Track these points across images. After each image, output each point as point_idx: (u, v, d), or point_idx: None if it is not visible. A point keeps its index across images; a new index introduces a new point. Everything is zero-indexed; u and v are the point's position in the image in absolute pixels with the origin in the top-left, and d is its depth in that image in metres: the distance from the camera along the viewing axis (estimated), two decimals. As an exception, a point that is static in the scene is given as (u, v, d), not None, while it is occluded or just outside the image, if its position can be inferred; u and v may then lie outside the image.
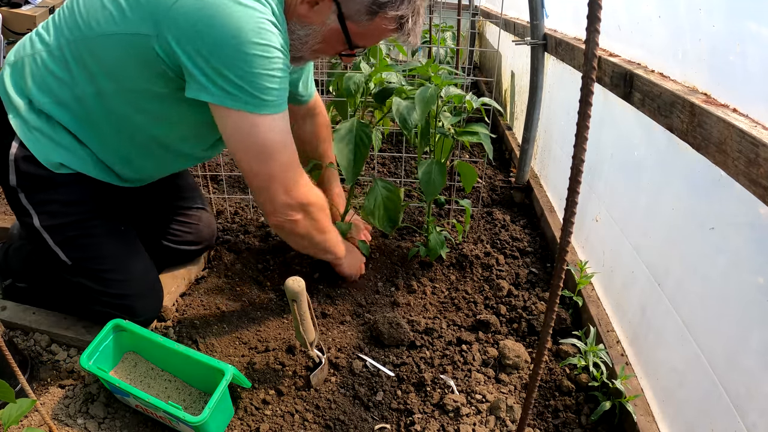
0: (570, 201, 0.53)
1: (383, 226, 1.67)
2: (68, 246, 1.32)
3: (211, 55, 1.05)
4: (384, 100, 1.58)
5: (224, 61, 1.05)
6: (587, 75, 0.47)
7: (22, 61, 1.24)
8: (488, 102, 1.60)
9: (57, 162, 1.26)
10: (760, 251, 0.87)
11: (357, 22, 1.20)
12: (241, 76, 1.07)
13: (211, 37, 1.03)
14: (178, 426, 1.16)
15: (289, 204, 1.27)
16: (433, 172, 1.58)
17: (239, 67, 1.06)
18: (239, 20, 1.03)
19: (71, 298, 1.44)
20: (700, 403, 1.02)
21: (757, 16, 0.90)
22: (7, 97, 1.24)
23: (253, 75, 1.07)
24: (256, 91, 1.09)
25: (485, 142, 1.59)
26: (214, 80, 1.07)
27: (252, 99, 1.10)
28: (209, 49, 1.04)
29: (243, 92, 1.09)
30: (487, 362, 1.42)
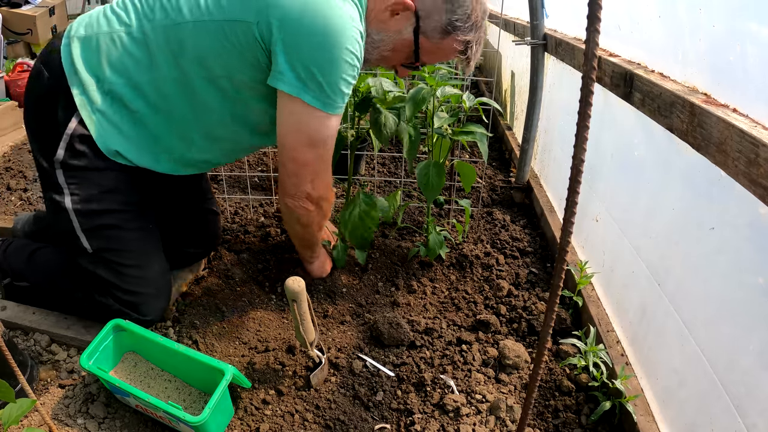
0: (570, 201, 0.53)
1: (353, 240, 1.65)
2: (94, 233, 1.31)
3: (304, 49, 1.11)
4: (365, 109, 1.58)
5: (316, 59, 1.11)
6: (587, 75, 0.47)
7: (97, 38, 1.24)
8: (486, 101, 1.60)
9: (114, 149, 1.27)
10: (760, 251, 0.87)
11: (429, 38, 1.28)
12: (326, 77, 1.13)
13: (309, 33, 1.09)
14: (178, 426, 1.16)
15: (311, 194, 1.34)
16: (430, 174, 1.57)
17: (327, 69, 1.13)
18: (341, 24, 1.10)
19: (74, 297, 1.43)
20: (700, 403, 1.02)
21: (757, 16, 0.90)
22: (74, 71, 1.23)
23: (337, 78, 1.15)
24: (332, 93, 1.17)
25: (480, 141, 1.58)
26: (298, 73, 1.13)
27: (326, 99, 1.17)
28: (306, 43, 1.10)
29: (321, 91, 1.15)
30: (487, 362, 1.42)
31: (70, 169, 1.27)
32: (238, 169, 2.64)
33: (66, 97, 1.24)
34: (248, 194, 2.27)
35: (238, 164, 2.71)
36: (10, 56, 4.22)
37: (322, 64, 1.12)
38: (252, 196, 2.27)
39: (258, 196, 2.30)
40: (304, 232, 1.47)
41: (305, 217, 1.39)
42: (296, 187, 1.32)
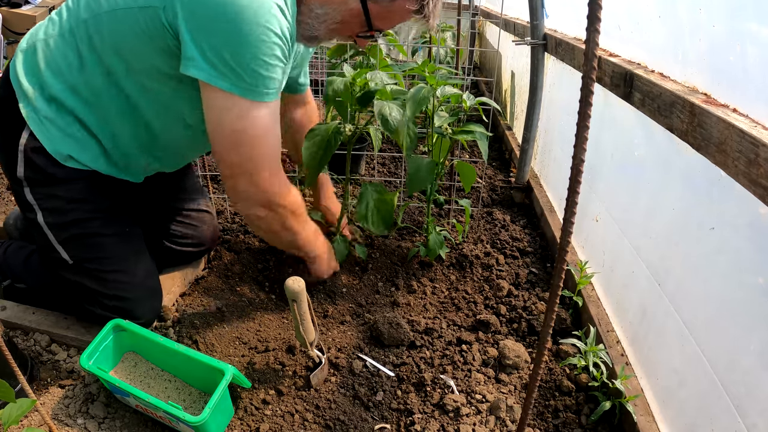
0: (570, 201, 0.53)
1: (379, 229, 1.66)
2: (70, 244, 1.31)
3: (210, 30, 1.02)
4: (367, 102, 1.57)
5: (224, 39, 1.02)
6: (587, 75, 0.47)
7: (35, 46, 1.23)
8: (486, 101, 1.60)
9: (66, 154, 1.25)
10: (760, 251, 0.87)
11: (378, 3, 1.18)
12: (238, 59, 1.04)
13: (213, 13, 1.01)
14: (178, 426, 1.16)
15: (255, 198, 1.23)
16: (422, 168, 1.58)
17: (239, 50, 1.03)
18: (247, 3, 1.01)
19: (71, 300, 1.43)
20: (700, 403, 1.02)
21: (757, 16, 0.90)
22: (18, 84, 1.23)
23: (251, 60, 1.05)
24: (249, 77, 1.07)
25: (481, 140, 1.58)
26: (208, 57, 1.04)
27: (243, 84, 1.07)
28: (209, 24, 1.02)
29: (235, 74, 1.06)
30: (487, 362, 1.42)
31: (34, 185, 1.27)
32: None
33: (15, 112, 1.23)
34: (248, 194, 2.27)
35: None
36: (9, 56, 4.22)
37: (232, 44, 1.02)
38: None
39: (258, 196, 2.30)
40: (275, 237, 1.39)
41: (264, 223, 1.30)
42: (236, 192, 1.22)
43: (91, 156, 1.29)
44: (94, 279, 1.34)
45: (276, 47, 1.07)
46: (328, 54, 2.50)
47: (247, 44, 1.03)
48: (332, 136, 1.53)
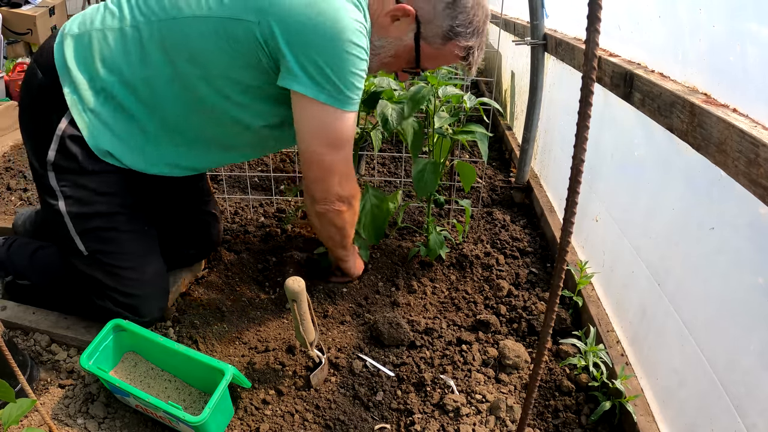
0: (570, 201, 0.53)
1: (368, 235, 1.65)
2: (89, 236, 1.31)
3: (312, 48, 1.10)
4: (373, 105, 1.58)
5: (324, 56, 1.10)
6: (587, 75, 0.47)
7: (90, 35, 1.22)
8: (486, 101, 1.60)
9: (105, 149, 1.25)
10: (760, 251, 0.87)
11: (431, 44, 1.27)
12: (337, 73, 1.12)
13: (316, 31, 1.08)
14: (178, 426, 1.16)
15: (341, 195, 1.33)
16: (426, 171, 1.58)
17: (337, 65, 1.11)
18: (344, 20, 1.09)
19: (76, 295, 1.43)
20: (700, 403, 1.02)
21: (757, 16, 0.90)
22: (66, 70, 1.22)
23: (347, 73, 1.14)
24: (346, 89, 1.15)
25: (481, 141, 1.58)
26: (310, 73, 1.12)
27: (341, 95, 1.16)
28: (313, 42, 1.09)
29: (335, 88, 1.14)
30: (487, 362, 1.42)
31: (62, 171, 1.26)
32: (238, 169, 2.64)
33: (58, 97, 1.22)
34: (248, 194, 2.27)
35: (238, 164, 2.71)
36: (10, 56, 4.22)
37: (332, 60, 1.11)
38: (252, 196, 2.27)
39: (258, 196, 2.30)
40: (339, 234, 1.45)
41: (339, 219, 1.38)
42: (326, 191, 1.31)
43: (131, 156, 1.29)
44: (107, 273, 1.33)
45: (363, 62, 1.17)
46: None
47: (346, 60, 1.12)
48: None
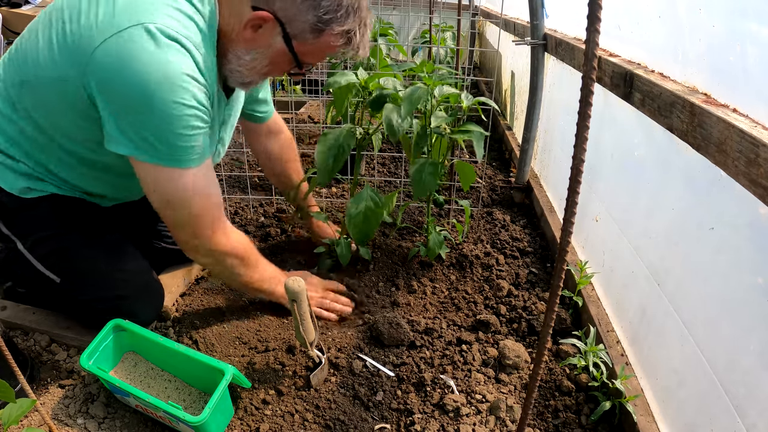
0: (570, 201, 0.53)
1: (354, 233, 1.63)
2: (52, 263, 1.33)
3: (125, 110, 1.04)
4: (379, 107, 1.57)
5: (137, 118, 1.05)
6: (587, 75, 0.47)
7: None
8: (485, 101, 1.60)
9: (24, 187, 1.27)
10: (760, 251, 0.87)
11: (303, 42, 1.16)
12: (153, 133, 1.06)
13: (127, 93, 1.02)
14: (178, 426, 1.16)
15: (198, 248, 1.27)
16: (425, 171, 1.57)
17: (156, 129, 1.06)
18: (157, 80, 1.01)
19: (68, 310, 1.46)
20: (699, 403, 1.02)
21: (757, 16, 0.90)
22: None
23: (169, 136, 1.07)
24: (164, 147, 1.09)
25: (477, 141, 1.57)
26: (128, 135, 1.07)
27: (161, 154, 1.10)
28: (125, 104, 1.04)
29: (155, 149, 1.08)
30: (487, 362, 1.42)
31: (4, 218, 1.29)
32: (238, 169, 2.64)
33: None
34: (248, 194, 2.27)
35: (238, 164, 2.71)
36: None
37: (148, 123, 1.05)
38: (252, 196, 2.27)
39: (258, 196, 2.30)
40: (234, 283, 1.43)
41: (215, 271, 1.34)
42: (185, 245, 1.27)
43: (48, 186, 1.30)
44: (84, 291, 1.35)
45: (191, 118, 1.08)
46: (328, 54, 2.50)
47: (163, 122, 1.05)
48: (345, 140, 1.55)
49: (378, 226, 1.66)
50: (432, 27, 2.86)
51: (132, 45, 0.99)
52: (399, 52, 3.47)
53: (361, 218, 1.61)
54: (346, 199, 2.30)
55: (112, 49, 1.00)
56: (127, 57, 1.00)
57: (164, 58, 1.01)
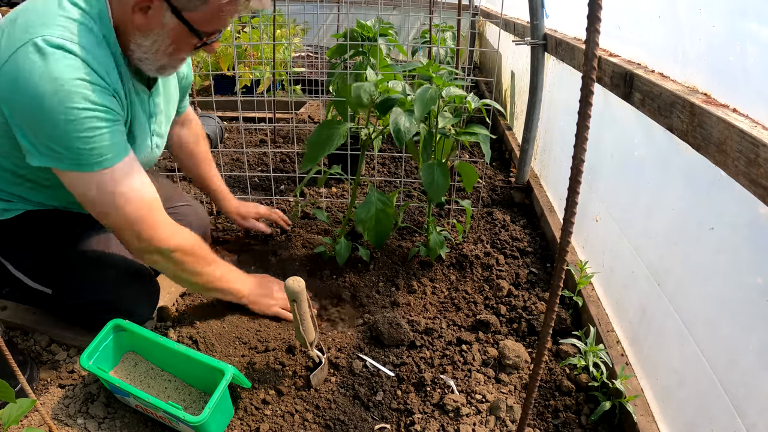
0: (570, 201, 0.53)
1: (371, 239, 1.66)
2: (42, 277, 1.34)
3: (29, 124, 1.07)
4: (386, 111, 1.57)
5: (39, 129, 1.06)
6: (587, 75, 0.47)
7: None
8: (489, 102, 1.60)
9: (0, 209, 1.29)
10: (760, 251, 0.87)
11: (194, 11, 1.14)
12: (56, 141, 1.07)
13: (24, 108, 1.05)
14: (178, 426, 1.16)
15: (145, 249, 1.26)
16: (435, 173, 1.57)
17: (52, 133, 1.06)
18: (45, 90, 1.03)
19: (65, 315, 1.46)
20: (699, 403, 1.02)
21: (757, 16, 0.90)
22: None
23: (73, 141, 1.08)
24: (71, 153, 1.09)
25: (484, 143, 1.58)
26: (37, 147, 1.09)
27: (72, 160, 1.10)
28: (27, 119, 1.06)
29: (64, 156, 1.09)
30: (487, 362, 1.42)
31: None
32: (238, 169, 2.64)
33: None
34: (248, 194, 2.27)
35: (238, 164, 2.72)
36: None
37: (50, 134, 1.06)
38: (252, 196, 2.27)
39: (258, 196, 2.30)
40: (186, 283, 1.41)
41: (165, 270, 1.34)
42: (127, 245, 1.26)
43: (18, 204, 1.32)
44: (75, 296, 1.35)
45: (88, 120, 1.08)
46: (328, 54, 2.50)
47: (60, 129, 1.06)
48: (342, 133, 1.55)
49: (391, 226, 1.67)
50: (432, 27, 2.86)
51: (22, 62, 1.03)
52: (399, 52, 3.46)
53: (373, 221, 1.63)
54: (346, 199, 2.30)
55: (8, 70, 1.04)
56: (19, 74, 1.03)
57: (50, 68, 1.03)
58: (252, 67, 3.67)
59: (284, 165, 2.70)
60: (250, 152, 2.83)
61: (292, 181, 2.52)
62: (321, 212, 1.84)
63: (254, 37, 3.90)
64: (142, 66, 1.22)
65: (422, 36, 4.17)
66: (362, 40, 2.34)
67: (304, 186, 2.42)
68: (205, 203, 2.16)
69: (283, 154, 2.80)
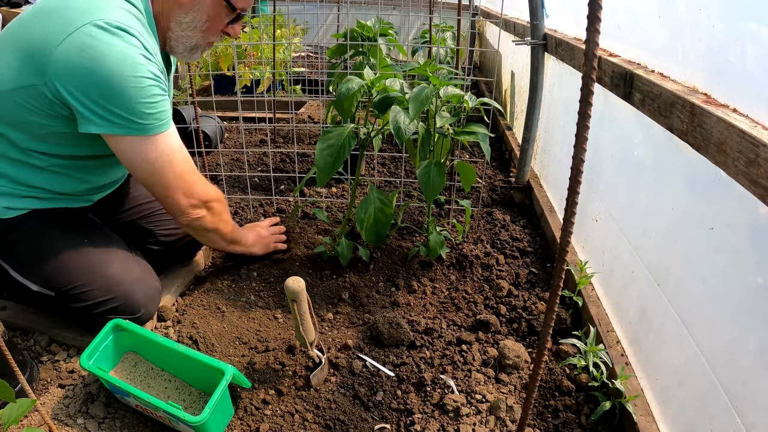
0: (570, 201, 0.53)
1: (370, 239, 1.65)
2: (44, 280, 1.35)
3: (93, 93, 1.16)
4: (385, 109, 1.57)
5: (106, 97, 1.17)
6: (587, 75, 0.47)
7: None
8: (487, 102, 1.60)
9: (2, 207, 1.31)
10: (760, 251, 0.87)
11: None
12: (122, 107, 1.19)
13: (92, 79, 1.15)
14: (178, 426, 1.16)
15: (192, 204, 1.40)
16: (431, 173, 1.57)
17: (119, 101, 1.18)
18: (115, 61, 1.15)
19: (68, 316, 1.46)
20: (699, 403, 1.02)
21: (757, 16, 0.90)
22: None
23: (135, 105, 1.20)
24: (136, 118, 1.21)
25: (483, 142, 1.58)
26: (99, 114, 1.19)
27: (134, 125, 1.22)
28: (91, 88, 1.16)
29: (125, 120, 1.21)
30: (487, 362, 1.42)
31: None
32: (238, 169, 2.64)
33: None
34: (248, 194, 2.27)
35: (238, 164, 2.72)
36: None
37: (115, 100, 1.17)
38: (252, 196, 2.27)
39: (258, 196, 2.30)
40: (218, 236, 1.55)
41: (206, 224, 1.46)
42: (177, 206, 1.38)
43: (26, 202, 1.34)
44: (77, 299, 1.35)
45: (152, 87, 1.22)
46: (328, 54, 2.50)
47: (128, 96, 1.18)
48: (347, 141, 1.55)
49: (390, 225, 1.67)
50: (432, 27, 2.86)
51: (86, 38, 1.14)
52: (399, 52, 3.47)
53: (372, 221, 1.63)
54: (346, 199, 2.30)
55: (69, 46, 1.14)
56: (86, 47, 1.13)
57: (117, 42, 1.16)
58: (252, 67, 3.67)
59: (284, 165, 2.70)
60: (250, 152, 2.83)
61: (292, 181, 2.52)
62: (321, 212, 1.84)
63: (254, 37, 3.90)
64: (177, 46, 1.38)
65: (422, 36, 4.18)
66: (362, 40, 2.34)
67: (304, 186, 2.42)
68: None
69: (283, 154, 2.80)
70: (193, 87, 2.03)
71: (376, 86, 1.57)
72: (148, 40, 1.24)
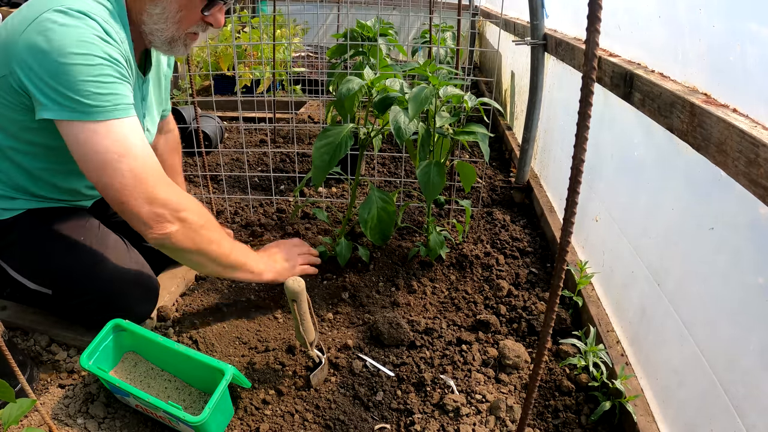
0: (570, 201, 0.53)
1: (375, 239, 1.66)
2: (42, 279, 1.34)
3: (44, 72, 1.10)
4: (384, 109, 1.57)
5: (53, 74, 1.09)
6: (587, 75, 0.47)
7: None
8: (487, 101, 1.60)
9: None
10: (760, 251, 0.87)
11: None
12: (67, 86, 1.09)
13: (44, 57, 1.09)
14: (178, 426, 1.16)
15: (157, 213, 1.17)
16: (431, 172, 1.57)
17: (64, 77, 1.09)
18: (62, 38, 1.09)
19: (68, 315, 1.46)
20: (699, 403, 1.02)
21: (757, 16, 0.90)
22: None
23: (77, 82, 1.09)
24: (82, 98, 1.10)
25: (482, 142, 1.58)
26: (49, 95, 1.10)
27: (81, 106, 1.10)
28: (42, 68, 1.10)
29: (71, 101, 1.10)
30: (487, 362, 1.42)
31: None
32: (238, 169, 2.64)
33: None
34: (248, 194, 2.27)
35: (238, 164, 2.72)
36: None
37: (62, 76, 1.08)
38: (252, 196, 2.27)
39: (258, 196, 2.30)
40: (205, 259, 1.30)
41: (180, 241, 1.22)
42: (136, 217, 1.16)
43: (19, 203, 1.34)
44: (75, 296, 1.35)
45: (104, 66, 1.12)
46: (328, 54, 2.50)
47: (73, 72, 1.09)
48: (345, 140, 1.54)
49: (393, 224, 1.67)
50: (432, 27, 2.86)
51: (45, 21, 1.10)
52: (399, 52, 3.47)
53: (375, 220, 1.64)
54: (346, 199, 2.30)
55: (29, 31, 1.10)
56: (42, 30, 1.09)
57: (74, 22, 1.10)
58: (252, 67, 3.67)
59: (284, 165, 2.70)
60: (250, 152, 2.83)
61: (292, 180, 2.52)
62: (321, 212, 1.84)
63: (254, 37, 3.90)
64: (154, 39, 1.29)
65: (422, 36, 4.18)
66: (362, 40, 2.34)
67: (304, 186, 2.42)
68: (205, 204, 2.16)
69: (283, 154, 2.80)
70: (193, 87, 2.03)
71: (376, 86, 1.57)
72: (113, 26, 1.17)
